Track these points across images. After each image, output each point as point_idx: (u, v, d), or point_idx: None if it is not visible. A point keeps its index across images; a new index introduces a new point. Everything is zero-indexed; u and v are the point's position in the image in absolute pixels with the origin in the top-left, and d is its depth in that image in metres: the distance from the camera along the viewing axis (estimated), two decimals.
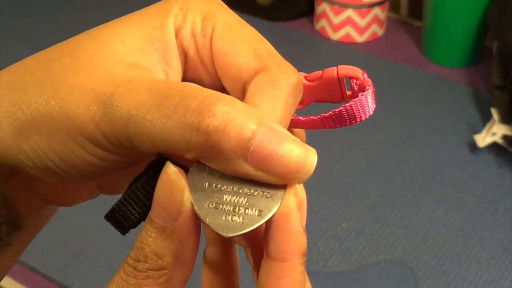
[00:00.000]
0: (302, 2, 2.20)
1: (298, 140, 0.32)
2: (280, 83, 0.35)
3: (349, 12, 2.00)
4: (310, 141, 0.41)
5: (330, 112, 0.36)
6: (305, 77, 0.37)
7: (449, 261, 1.33)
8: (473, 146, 1.57)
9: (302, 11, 2.20)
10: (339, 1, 1.99)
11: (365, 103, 0.37)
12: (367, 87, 0.37)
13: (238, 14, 0.36)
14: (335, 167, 1.55)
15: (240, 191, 0.32)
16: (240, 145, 0.30)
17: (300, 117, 0.37)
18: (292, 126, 0.36)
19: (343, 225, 1.41)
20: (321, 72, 0.37)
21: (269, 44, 0.37)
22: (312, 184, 1.57)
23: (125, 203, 0.34)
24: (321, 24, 2.07)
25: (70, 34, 1.77)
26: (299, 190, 0.35)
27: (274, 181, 0.32)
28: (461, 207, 1.45)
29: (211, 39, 0.35)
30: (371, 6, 2.00)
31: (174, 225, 0.31)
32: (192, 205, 0.31)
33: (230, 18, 0.36)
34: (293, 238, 0.35)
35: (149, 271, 0.31)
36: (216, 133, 0.29)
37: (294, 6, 2.20)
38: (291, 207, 0.34)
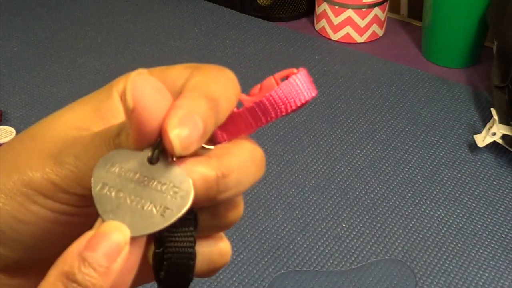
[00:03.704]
0: (302, 2, 2.21)
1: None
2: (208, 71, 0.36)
3: (349, 13, 2.00)
4: (310, 141, 0.41)
5: (253, 104, 0.34)
6: (245, 95, 0.34)
7: (449, 261, 1.33)
8: (473, 146, 1.58)
9: (302, 11, 2.21)
10: (339, 2, 2.00)
11: (290, 89, 0.32)
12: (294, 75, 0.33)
13: (238, 15, 0.37)
14: (335, 167, 1.55)
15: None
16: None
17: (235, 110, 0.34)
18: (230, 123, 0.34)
19: (343, 225, 1.41)
20: (259, 85, 0.35)
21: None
22: (312, 184, 1.57)
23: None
24: (321, 24, 2.07)
25: (70, 34, 1.77)
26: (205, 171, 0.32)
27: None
28: (461, 207, 1.45)
29: None
30: (371, 6, 2.00)
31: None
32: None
33: (165, 66, 0.38)
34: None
35: None
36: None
37: (294, 6, 2.20)
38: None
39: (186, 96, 0.31)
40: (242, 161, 0.33)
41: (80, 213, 0.35)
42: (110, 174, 0.31)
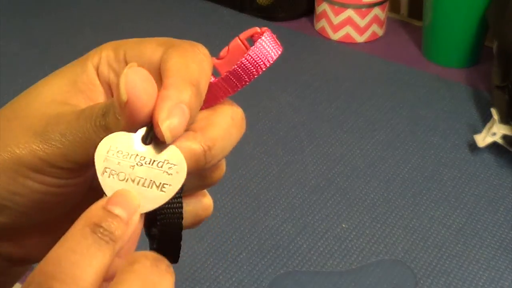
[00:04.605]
0: (302, 2, 2.20)
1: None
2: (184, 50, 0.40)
3: (349, 12, 2.00)
4: (310, 141, 0.41)
5: (227, 73, 0.37)
6: (215, 59, 0.39)
7: (449, 261, 1.33)
8: (473, 146, 1.57)
9: (302, 11, 2.20)
10: (339, 1, 2.00)
11: (258, 52, 0.38)
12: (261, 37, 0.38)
13: (238, 15, 0.38)
14: (335, 167, 1.55)
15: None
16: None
17: (212, 79, 0.38)
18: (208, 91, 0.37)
19: (343, 225, 1.41)
20: (226, 47, 0.39)
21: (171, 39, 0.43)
22: (312, 184, 1.57)
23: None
24: (321, 24, 2.07)
25: (70, 34, 1.77)
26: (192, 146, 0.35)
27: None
28: (461, 207, 1.45)
29: (124, 60, 0.42)
30: (371, 6, 2.00)
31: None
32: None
33: (137, 39, 0.43)
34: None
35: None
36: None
37: (294, 6, 2.20)
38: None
39: (172, 86, 0.35)
40: (225, 128, 0.36)
41: (69, 184, 0.39)
42: (110, 160, 0.35)
